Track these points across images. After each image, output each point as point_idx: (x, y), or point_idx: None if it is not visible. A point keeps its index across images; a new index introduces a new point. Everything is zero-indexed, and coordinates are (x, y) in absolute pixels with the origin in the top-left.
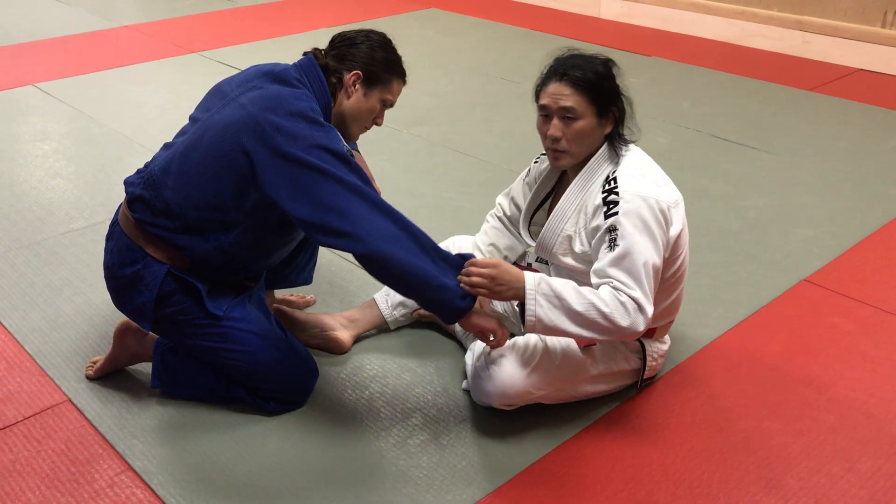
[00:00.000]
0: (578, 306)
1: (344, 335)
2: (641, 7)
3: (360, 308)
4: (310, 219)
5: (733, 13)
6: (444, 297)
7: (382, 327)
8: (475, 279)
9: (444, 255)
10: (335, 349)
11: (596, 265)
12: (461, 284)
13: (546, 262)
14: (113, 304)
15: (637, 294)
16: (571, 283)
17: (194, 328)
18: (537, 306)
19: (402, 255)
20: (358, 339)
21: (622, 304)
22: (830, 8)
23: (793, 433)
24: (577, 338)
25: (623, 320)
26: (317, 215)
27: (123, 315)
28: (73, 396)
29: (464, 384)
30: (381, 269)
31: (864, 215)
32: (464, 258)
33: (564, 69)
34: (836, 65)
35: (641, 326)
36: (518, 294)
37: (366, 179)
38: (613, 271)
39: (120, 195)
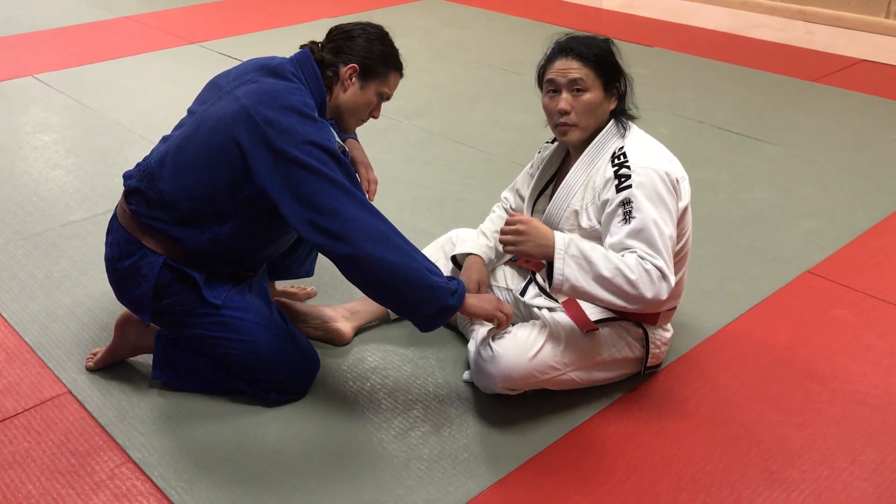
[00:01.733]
0: (606, 271)
1: (345, 326)
2: None
3: (361, 300)
4: (298, 216)
5: (736, 3)
6: (435, 295)
7: (383, 319)
8: (503, 237)
9: (429, 259)
10: (336, 341)
11: (611, 239)
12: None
13: None
14: (114, 296)
15: (660, 263)
16: (599, 247)
17: (193, 318)
18: (566, 266)
19: (390, 254)
20: (359, 331)
21: (647, 272)
22: None
23: (795, 425)
24: (601, 302)
25: (648, 289)
26: (305, 213)
27: (124, 307)
28: (74, 388)
29: (465, 375)
30: (366, 270)
31: (866, 206)
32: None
33: (569, 47)
34: (840, 55)
35: (664, 295)
36: (547, 252)
37: (354, 178)
38: (632, 242)
39: (120, 186)
